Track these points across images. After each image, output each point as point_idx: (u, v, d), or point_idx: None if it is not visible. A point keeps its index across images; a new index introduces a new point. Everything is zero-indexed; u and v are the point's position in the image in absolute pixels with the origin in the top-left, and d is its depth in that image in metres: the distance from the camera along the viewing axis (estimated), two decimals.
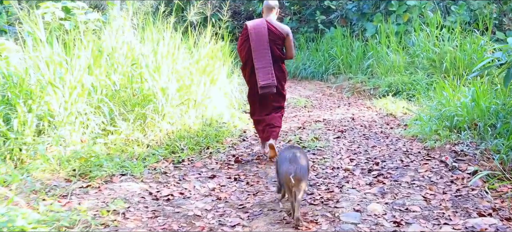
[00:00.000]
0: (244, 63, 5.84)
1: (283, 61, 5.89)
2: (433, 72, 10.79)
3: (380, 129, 7.35)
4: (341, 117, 8.48)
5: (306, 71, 14.28)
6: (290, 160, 3.94)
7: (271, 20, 5.77)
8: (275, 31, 5.70)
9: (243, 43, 5.76)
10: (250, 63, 5.70)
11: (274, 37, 5.68)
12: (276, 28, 5.72)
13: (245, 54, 5.74)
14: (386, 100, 9.50)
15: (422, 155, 5.80)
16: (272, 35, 5.67)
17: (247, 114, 8.43)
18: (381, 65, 11.72)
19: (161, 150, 5.83)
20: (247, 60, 5.74)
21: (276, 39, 5.69)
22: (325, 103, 10.21)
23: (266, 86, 5.60)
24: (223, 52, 8.77)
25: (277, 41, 5.71)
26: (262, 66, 5.59)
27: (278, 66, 5.77)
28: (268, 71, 5.59)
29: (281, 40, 5.74)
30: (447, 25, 11.81)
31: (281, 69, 5.82)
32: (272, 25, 5.72)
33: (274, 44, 5.69)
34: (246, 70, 5.85)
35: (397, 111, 8.62)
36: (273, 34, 5.68)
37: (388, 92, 10.44)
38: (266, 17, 5.82)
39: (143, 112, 6.26)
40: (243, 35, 5.77)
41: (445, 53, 10.81)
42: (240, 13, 21.14)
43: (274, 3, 5.85)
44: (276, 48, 5.70)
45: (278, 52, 5.73)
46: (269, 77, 5.58)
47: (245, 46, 5.72)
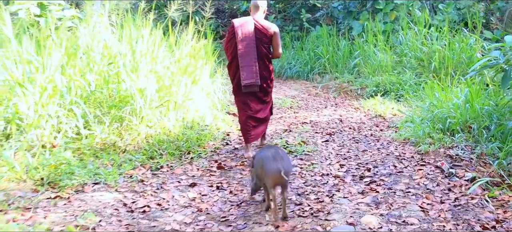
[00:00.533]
0: (230, 61, 5.77)
1: (270, 60, 5.82)
2: (421, 72, 10.51)
3: (370, 132, 7.01)
4: (329, 118, 8.13)
5: (291, 71, 13.92)
6: (274, 158, 3.83)
7: (258, 19, 5.70)
8: (262, 29, 5.62)
9: (230, 40, 5.70)
10: (235, 61, 5.64)
11: (261, 35, 5.62)
12: (263, 26, 5.64)
13: (231, 52, 5.68)
14: (375, 101, 9.18)
15: (415, 160, 5.47)
16: (258, 34, 5.61)
17: (230, 116, 8.06)
18: (368, 64, 11.41)
19: (139, 156, 5.43)
20: (233, 57, 5.68)
21: (262, 37, 5.63)
22: (311, 103, 9.86)
23: (249, 84, 5.57)
24: (206, 50, 8.38)
25: (263, 40, 5.65)
26: (246, 64, 5.55)
27: (265, 65, 5.71)
28: (252, 70, 5.55)
29: (268, 38, 5.67)
30: (435, 24, 11.55)
31: (267, 68, 5.77)
32: (259, 23, 5.64)
33: (261, 42, 5.63)
34: (231, 67, 5.79)
35: (386, 112, 8.30)
36: (260, 32, 5.61)
37: (376, 92, 10.13)
38: (253, 15, 5.74)
39: (120, 115, 5.85)
40: (230, 32, 5.70)
41: (433, 53, 10.54)
42: (224, 11, 20.75)
43: (262, 2, 5.78)
44: (262, 47, 5.64)
45: (264, 50, 5.66)
46: (253, 76, 5.55)
47: (232, 43, 5.66)
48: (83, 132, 5.50)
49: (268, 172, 3.81)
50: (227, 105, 8.70)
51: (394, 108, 8.48)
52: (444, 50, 10.30)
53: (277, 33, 5.72)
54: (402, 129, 6.76)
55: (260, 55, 5.64)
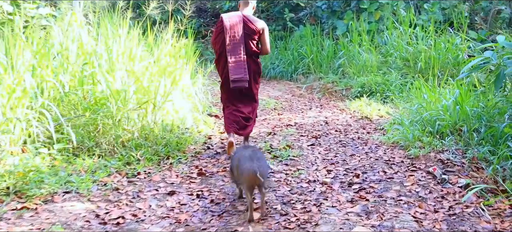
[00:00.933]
0: (218, 56, 5.69)
1: (258, 56, 5.78)
2: (407, 72, 10.31)
3: (357, 135, 6.76)
4: (314, 120, 7.87)
5: (274, 71, 13.63)
6: (250, 158, 3.80)
7: (247, 14, 5.64)
8: (251, 25, 5.55)
9: (218, 35, 5.62)
10: (223, 56, 5.57)
11: (250, 31, 5.55)
12: (252, 23, 5.57)
13: (219, 47, 5.61)
14: (360, 102, 8.94)
15: (406, 165, 5.23)
16: (247, 30, 5.54)
17: (212, 118, 7.76)
18: (353, 64, 11.18)
19: (114, 161, 5.11)
20: (220, 53, 5.61)
21: (251, 33, 5.56)
22: (295, 104, 9.59)
23: (237, 80, 5.48)
24: (187, 50, 8.06)
25: (252, 36, 5.58)
26: (235, 60, 5.48)
27: (253, 61, 5.67)
28: (240, 66, 5.48)
29: (256, 35, 5.61)
30: (420, 24, 11.37)
31: (256, 64, 5.74)
32: (248, 19, 5.57)
33: (249, 38, 5.56)
34: (219, 63, 5.71)
35: (373, 114, 8.06)
36: (248, 28, 5.54)
37: (361, 93, 9.90)
38: (242, 11, 5.67)
39: (95, 118, 5.51)
40: (218, 27, 5.61)
41: (419, 53, 10.36)
42: (206, 11, 20.42)
43: None
44: (251, 43, 5.58)
45: (253, 46, 5.61)
46: (241, 72, 5.48)
47: (220, 38, 5.59)
48: (55, 136, 5.17)
49: (243, 172, 3.75)
50: (209, 106, 8.40)
51: (381, 109, 8.24)
52: (430, 50, 10.12)
53: (266, 29, 5.65)
54: (390, 132, 6.52)
55: (249, 51, 5.58)
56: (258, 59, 5.82)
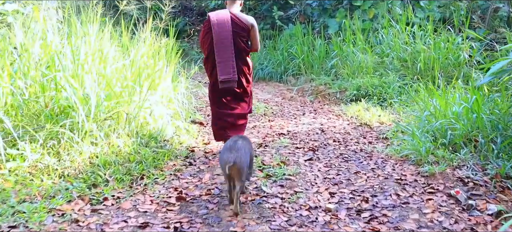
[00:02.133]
0: (206, 56, 5.40)
1: (248, 53, 5.49)
2: (405, 73, 9.56)
3: (358, 145, 5.95)
4: (309, 128, 7.05)
5: (263, 72, 12.81)
6: (230, 148, 3.82)
7: (235, 12, 5.38)
8: (239, 22, 5.30)
9: (206, 35, 5.34)
10: (212, 56, 5.29)
11: (238, 29, 5.29)
12: (240, 20, 5.31)
13: (207, 47, 5.32)
14: (358, 107, 8.15)
15: (421, 186, 4.42)
16: (236, 27, 5.27)
17: (196, 125, 6.93)
18: (347, 65, 10.39)
19: (78, 183, 4.25)
20: (209, 53, 5.33)
21: (240, 31, 5.30)
22: (287, 109, 8.77)
23: (226, 80, 5.23)
24: (168, 50, 7.21)
25: (241, 33, 5.32)
26: (223, 59, 5.22)
27: (243, 60, 5.39)
28: (229, 66, 5.22)
29: (245, 32, 5.34)
30: (417, 22, 10.62)
31: (246, 63, 5.44)
32: (236, 17, 5.31)
33: (238, 36, 5.30)
34: (208, 63, 5.41)
35: (372, 120, 7.27)
36: (237, 26, 5.28)
37: (357, 96, 9.12)
38: (229, 8, 5.42)
39: (57, 130, 4.66)
40: (206, 26, 5.34)
41: (418, 53, 9.61)
42: (191, 9, 19.54)
43: None
44: (240, 41, 5.32)
45: (242, 45, 5.35)
46: (229, 72, 5.22)
47: (208, 38, 5.31)
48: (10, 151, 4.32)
49: (220, 162, 3.86)
50: (192, 112, 7.55)
51: (381, 115, 7.45)
52: (430, 50, 9.38)
53: (255, 26, 5.38)
54: (397, 143, 5.73)
55: (238, 50, 5.30)
56: (248, 57, 5.51)
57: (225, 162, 3.70)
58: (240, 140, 3.96)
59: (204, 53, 5.48)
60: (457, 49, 9.44)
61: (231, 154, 3.71)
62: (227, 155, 3.73)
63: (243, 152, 3.80)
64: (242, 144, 3.89)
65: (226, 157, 3.72)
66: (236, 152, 3.74)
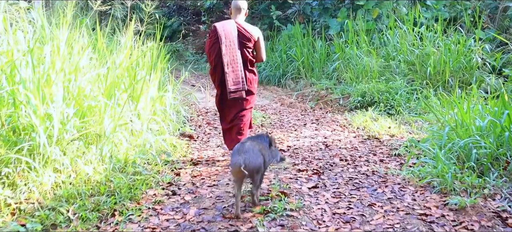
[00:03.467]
0: (214, 67, 5.24)
1: (254, 64, 5.38)
2: (413, 78, 8.74)
3: (369, 166, 5.10)
4: (311, 142, 6.21)
5: (261, 75, 11.96)
6: (238, 151, 3.71)
7: (240, 22, 5.25)
8: (246, 33, 5.18)
9: (212, 45, 5.18)
10: (220, 66, 5.15)
11: (245, 39, 5.17)
12: (246, 30, 5.19)
13: (214, 57, 5.17)
14: (364, 116, 7.32)
15: (451, 224, 3.57)
16: (242, 38, 5.16)
17: (185, 140, 6.10)
18: (350, 69, 9.55)
19: (33, 224, 3.41)
20: (216, 63, 5.17)
21: (246, 41, 5.18)
22: (286, 118, 7.93)
23: (236, 90, 5.13)
24: (153, 55, 6.38)
25: (247, 44, 5.20)
26: (232, 70, 5.11)
27: (249, 70, 5.28)
28: (238, 75, 5.12)
29: (251, 43, 5.22)
30: (424, 23, 9.80)
31: (252, 72, 5.33)
32: (243, 27, 5.19)
33: (245, 47, 5.18)
34: (215, 74, 5.25)
35: (381, 133, 6.44)
36: (243, 36, 5.16)
37: (361, 103, 8.30)
38: (234, 18, 5.30)
39: (10, 157, 3.82)
40: (212, 37, 5.20)
41: (427, 56, 8.79)
42: (186, 9, 18.67)
43: (243, 3, 5.34)
44: (246, 51, 5.20)
45: (248, 55, 5.23)
46: (239, 81, 5.12)
47: (214, 48, 5.15)
48: None
49: (230, 166, 3.74)
50: (182, 123, 6.72)
51: (392, 127, 6.62)
52: (440, 52, 8.56)
53: (261, 37, 5.29)
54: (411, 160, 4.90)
55: (244, 60, 5.19)
56: (254, 68, 5.39)
57: (234, 165, 3.57)
58: (248, 142, 3.86)
59: (210, 64, 5.30)
60: (469, 52, 8.64)
61: (239, 157, 3.59)
62: (236, 158, 3.61)
63: (252, 154, 3.67)
64: (251, 146, 3.77)
65: (235, 160, 3.59)
66: (245, 154, 3.61)
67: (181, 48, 16.68)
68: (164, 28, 17.65)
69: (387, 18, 10.59)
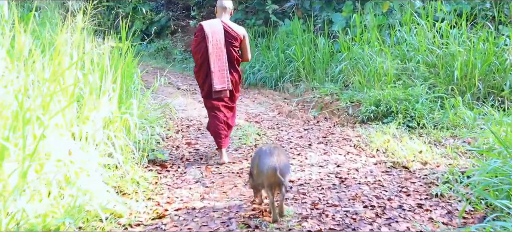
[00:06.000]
0: (199, 66, 5.13)
1: (239, 63, 5.28)
2: (435, 83, 7.16)
3: (406, 218, 3.51)
4: (320, 172, 4.61)
5: (255, 77, 10.34)
6: (270, 153, 3.43)
7: (226, 21, 5.15)
8: (232, 32, 5.10)
9: (199, 44, 5.08)
10: (205, 65, 5.06)
11: (231, 38, 5.10)
12: (233, 30, 5.12)
13: (200, 56, 5.07)
14: (384, 134, 5.74)
15: None
16: (228, 37, 5.09)
17: (155, 170, 4.52)
18: (359, 71, 7.96)
19: None
20: (202, 62, 5.08)
21: (233, 41, 5.10)
22: (286, 134, 6.31)
23: (220, 90, 5.08)
24: (113, 59, 4.78)
25: (233, 43, 5.12)
26: (218, 69, 5.03)
27: (235, 69, 5.20)
28: (223, 75, 5.05)
29: (237, 42, 5.15)
30: (441, 17, 8.22)
31: (237, 72, 5.24)
32: (229, 26, 5.11)
33: (231, 46, 5.10)
34: (200, 73, 5.14)
35: (410, 158, 4.87)
36: (230, 35, 5.09)
37: (375, 113, 6.73)
38: (220, 17, 5.19)
39: None
40: (198, 36, 5.10)
41: (451, 56, 7.22)
42: (176, 3, 17.01)
43: (229, 3, 5.25)
44: (232, 50, 5.12)
45: (234, 54, 5.15)
46: (224, 81, 5.06)
47: (201, 47, 5.05)
48: None
49: (263, 169, 3.39)
50: (154, 146, 5.14)
51: (424, 151, 5.03)
52: (468, 52, 7.00)
53: (246, 36, 5.26)
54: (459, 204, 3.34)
55: (230, 59, 5.14)
56: (239, 66, 5.31)
57: (268, 168, 3.32)
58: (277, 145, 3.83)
59: (196, 62, 5.20)
60: (500, 51, 7.09)
61: (273, 159, 3.36)
62: (268, 161, 3.35)
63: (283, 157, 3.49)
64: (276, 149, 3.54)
65: (269, 163, 3.34)
66: (278, 157, 3.40)
67: (169, 46, 15.04)
68: (151, 24, 16.10)
69: (401, 12, 9.02)
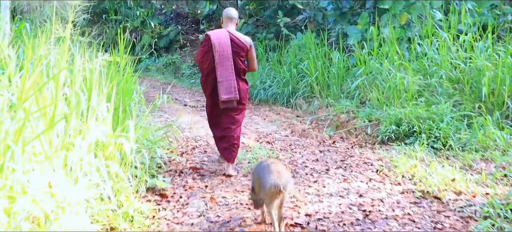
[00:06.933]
0: (206, 75, 5.05)
1: (245, 73, 5.20)
2: (460, 100, 6.58)
3: None
4: (340, 205, 4.02)
5: (266, 93, 9.80)
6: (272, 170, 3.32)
7: (232, 31, 5.09)
8: (239, 42, 5.01)
9: (205, 54, 5.01)
10: (212, 75, 4.98)
11: (237, 48, 5.00)
12: (239, 39, 5.02)
13: (207, 66, 4.99)
14: (409, 157, 5.16)
15: None
16: (235, 47, 4.99)
17: (154, 200, 3.98)
18: (377, 87, 7.40)
19: None
20: (209, 72, 4.99)
21: (239, 50, 5.01)
22: (300, 156, 5.73)
23: (228, 100, 4.95)
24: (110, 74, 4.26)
25: (240, 53, 5.02)
26: (225, 79, 4.92)
27: (241, 79, 5.10)
28: (231, 85, 4.93)
29: (244, 51, 5.06)
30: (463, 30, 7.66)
31: (244, 81, 5.16)
32: (235, 36, 5.02)
33: (237, 56, 5.01)
34: (207, 83, 5.06)
35: (442, 187, 4.28)
36: (236, 45, 4.99)
37: (396, 133, 6.16)
38: (226, 27, 5.13)
39: None
40: (205, 46, 5.03)
41: (478, 71, 6.64)
42: (185, 16, 16.57)
43: (235, 13, 5.23)
44: (239, 60, 5.03)
45: (241, 64, 5.05)
46: (231, 91, 4.93)
47: (208, 57, 4.98)
48: None
49: (266, 186, 3.27)
50: (155, 171, 4.59)
51: (457, 179, 4.43)
52: (496, 67, 6.43)
53: (252, 46, 5.13)
54: None
55: (237, 69, 5.00)
56: (245, 76, 5.21)
57: (271, 185, 3.22)
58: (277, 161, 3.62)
59: (202, 72, 5.16)
60: None
61: (275, 177, 3.25)
62: (272, 178, 3.24)
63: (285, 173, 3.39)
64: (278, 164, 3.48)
65: (272, 181, 3.23)
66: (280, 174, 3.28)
67: (177, 60, 14.56)
68: (160, 38, 15.65)
69: (420, 24, 8.46)
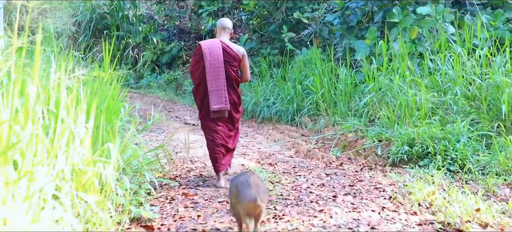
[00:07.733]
0: (197, 85, 5.06)
1: (238, 84, 5.17)
2: (477, 119, 6.09)
3: None
4: None
5: (269, 110, 9.32)
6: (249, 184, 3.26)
7: (225, 40, 5.05)
8: (231, 51, 4.98)
9: (196, 63, 5.02)
10: (203, 85, 4.94)
11: (230, 58, 4.97)
12: (231, 49, 5.00)
13: (198, 76, 4.99)
14: (425, 183, 4.65)
15: None
16: (227, 56, 4.96)
17: (140, 230, 3.47)
18: (387, 105, 6.90)
19: None
20: (200, 82, 4.98)
21: (231, 60, 4.98)
22: (305, 180, 5.19)
23: (218, 110, 4.90)
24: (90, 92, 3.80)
25: (232, 63, 4.99)
26: (215, 88, 4.88)
27: (234, 89, 5.06)
28: (221, 95, 4.89)
29: (236, 61, 5.03)
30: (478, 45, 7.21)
31: (236, 93, 5.11)
32: (227, 46, 5.00)
33: (229, 65, 4.97)
34: (198, 93, 5.05)
35: (465, 218, 3.76)
36: (228, 55, 4.96)
37: (409, 154, 5.67)
38: (219, 37, 5.11)
39: None
40: (196, 55, 5.03)
41: (496, 88, 6.16)
42: (188, 32, 16.18)
43: (229, 23, 5.20)
44: (231, 70, 4.99)
45: (233, 74, 5.02)
46: (222, 101, 4.90)
47: (199, 66, 4.98)
48: None
49: (243, 200, 3.24)
50: (141, 201, 4.10)
51: (482, 209, 3.91)
52: None
53: (245, 56, 5.10)
54: None
55: (229, 79, 4.96)
56: (238, 87, 5.17)
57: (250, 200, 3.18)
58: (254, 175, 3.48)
59: (194, 82, 5.12)
60: None
61: (253, 191, 3.20)
62: (249, 192, 3.20)
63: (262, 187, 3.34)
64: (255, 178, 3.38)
65: (250, 195, 3.19)
66: (257, 188, 3.24)
67: (179, 77, 14.13)
68: (162, 54, 15.25)
69: (432, 38, 7.99)
